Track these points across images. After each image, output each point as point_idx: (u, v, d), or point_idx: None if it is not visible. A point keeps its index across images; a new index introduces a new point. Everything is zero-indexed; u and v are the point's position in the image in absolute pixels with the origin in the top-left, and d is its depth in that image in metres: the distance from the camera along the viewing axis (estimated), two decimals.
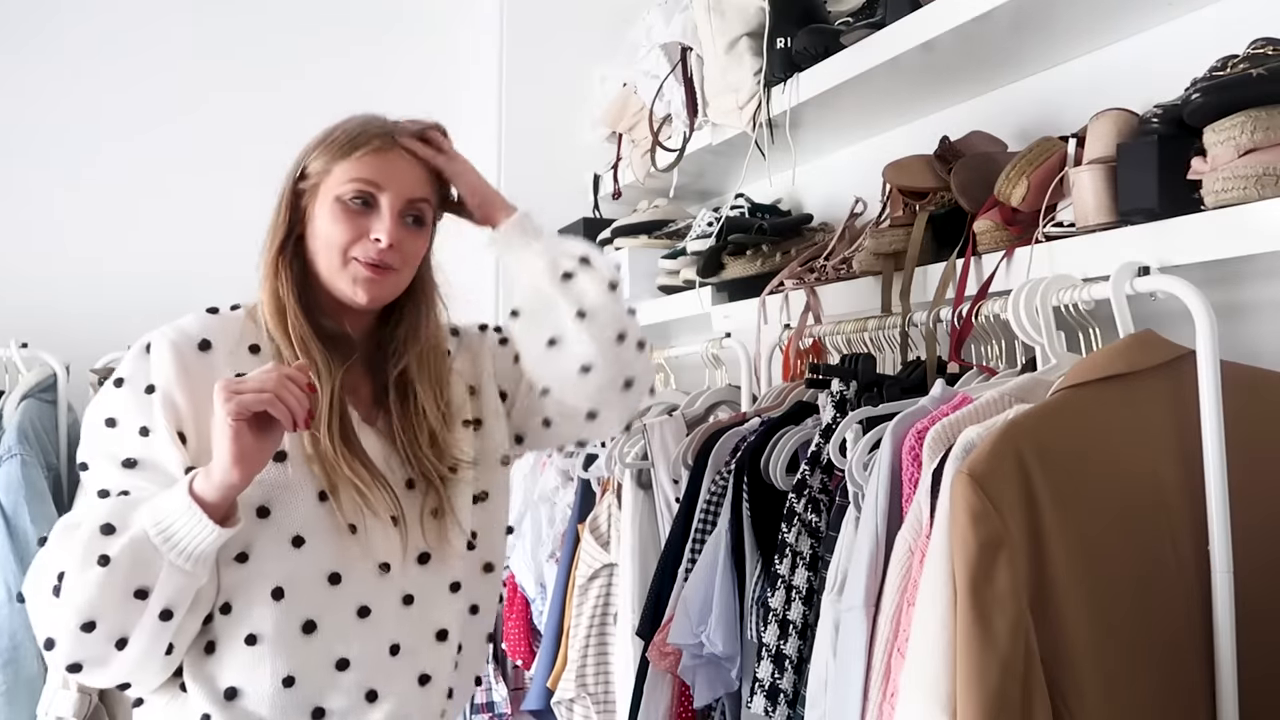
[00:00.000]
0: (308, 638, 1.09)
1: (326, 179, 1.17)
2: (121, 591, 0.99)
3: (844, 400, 1.38)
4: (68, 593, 0.99)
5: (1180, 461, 1.07)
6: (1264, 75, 1.10)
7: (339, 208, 1.16)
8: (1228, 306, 1.30)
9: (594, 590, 1.79)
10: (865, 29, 1.66)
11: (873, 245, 1.60)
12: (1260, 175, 1.08)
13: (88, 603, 0.98)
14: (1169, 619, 1.03)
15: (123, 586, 0.99)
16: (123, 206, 2.51)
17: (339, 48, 2.74)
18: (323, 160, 1.17)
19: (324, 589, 1.10)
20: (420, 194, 1.21)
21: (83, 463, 1.10)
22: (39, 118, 2.45)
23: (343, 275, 1.16)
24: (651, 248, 2.31)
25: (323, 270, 1.17)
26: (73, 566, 0.99)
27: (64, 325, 2.27)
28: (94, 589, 0.98)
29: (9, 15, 2.45)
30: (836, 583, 1.16)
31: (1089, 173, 1.26)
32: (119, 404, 1.09)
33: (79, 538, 1.00)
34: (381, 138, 1.19)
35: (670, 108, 2.17)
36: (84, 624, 0.99)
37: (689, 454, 1.62)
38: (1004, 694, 0.89)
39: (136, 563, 0.99)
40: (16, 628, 1.85)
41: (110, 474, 1.07)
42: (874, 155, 1.89)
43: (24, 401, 1.98)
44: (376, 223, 1.16)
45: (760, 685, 1.23)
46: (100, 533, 0.99)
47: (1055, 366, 1.20)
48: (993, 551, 0.92)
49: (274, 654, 1.08)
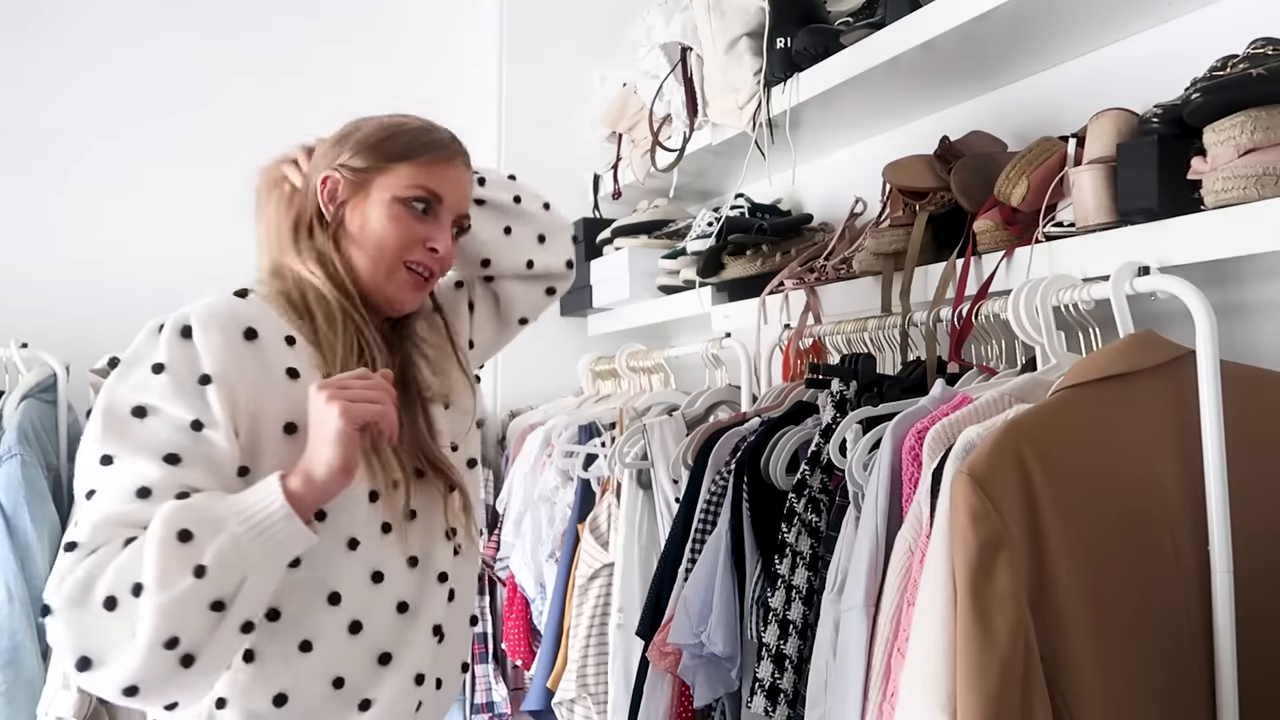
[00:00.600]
0: (355, 638, 1.08)
1: (382, 177, 1.14)
2: (207, 602, 0.91)
3: (844, 400, 1.38)
4: (149, 608, 0.90)
5: (1180, 461, 1.07)
6: (1264, 75, 1.11)
7: (400, 209, 1.14)
8: (1228, 306, 1.30)
9: (594, 590, 1.79)
10: (865, 29, 1.66)
11: (873, 245, 1.60)
12: (1260, 175, 1.08)
13: (176, 617, 0.90)
14: (1169, 619, 1.03)
15: (209, 597, 0.91)
16: (123, 206, 2.50)
17: (338, 48, 2.74)
18: (375, 157, 1.15)
19: (369, 588, 1.10)
20: (467, 209, 1.22)
21: (106, 455, 0.97)
22: (38, 117, 2.45)
23: (391, 278, 1.15)
24: (651, 248, 2.31)
25: (365, 268, 1.14)
26: (153, 577, 0.90)
27: (64, 325, 2.27)
28: (184, 602, 0.90)
29: (6, 17, 2.44)
30: (836, 583, 1.16)
31: (1089, 173, 1.26)
32: (156, 392, 0.99)
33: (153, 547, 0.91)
34: (449, 147, 1.19)
35: (670, 108, 2.17)
36: (167, 640, 0.90)
37: (689, 454, 1.62)
38: (1004, 694, 0.89)
39: (225, 571, 0.92)
40: (16, 628, 1.85)
41: (149, 470, 0.96)
42: (874, 155, 1.89)
43: (24, 402, 1.98)
44: (435, 231, 1.16)
45: (760, 685, 1.23)
46: (178, 540, 0.91)
47: (1055, 366, 1.20)
48: (993, 551, 0.92)
49: (326, 658, 1.06)
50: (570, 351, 2.57)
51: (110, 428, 0.98)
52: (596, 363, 2.47)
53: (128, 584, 0.91)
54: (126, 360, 1.02)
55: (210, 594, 0.92)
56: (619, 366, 2.32)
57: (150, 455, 0.97)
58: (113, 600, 0.91)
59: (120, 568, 0.91)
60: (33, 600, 1.86)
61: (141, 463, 0.96)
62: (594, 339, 2.59)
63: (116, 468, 0.96)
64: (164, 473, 0.96)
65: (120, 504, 0.95)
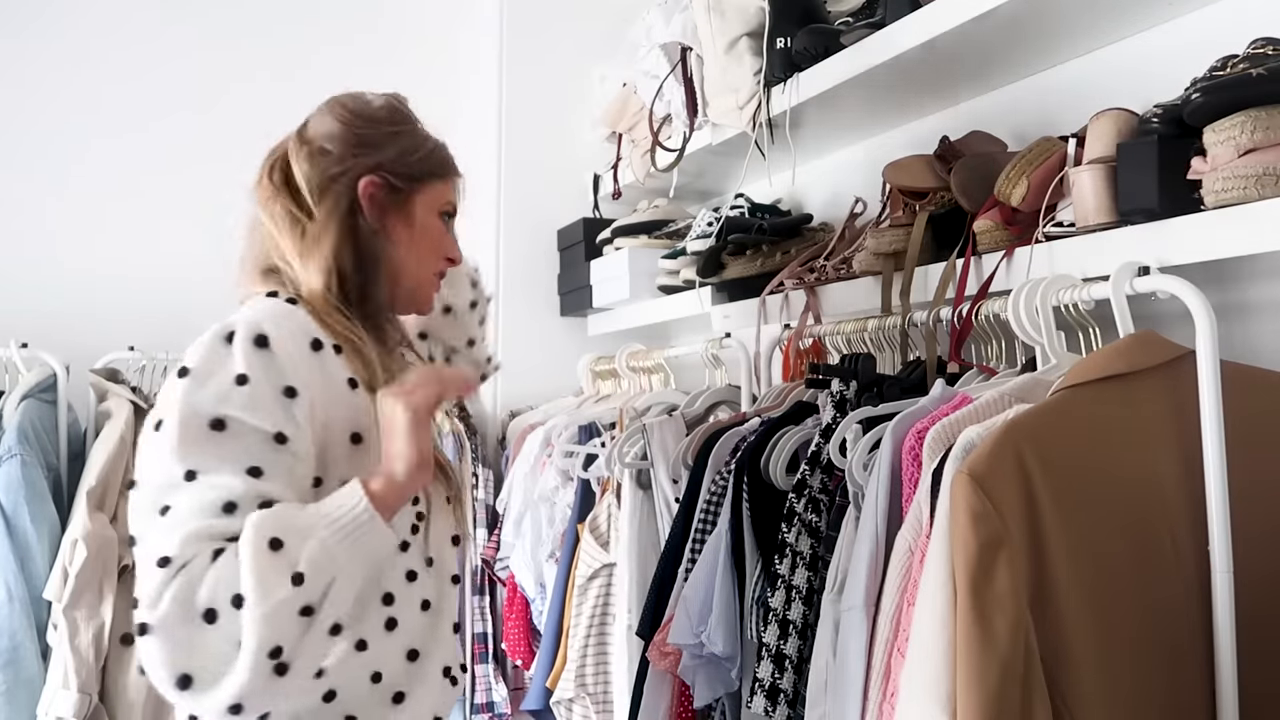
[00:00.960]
0: (390, 635, 1.10)
1: (424, 192, 1.20)
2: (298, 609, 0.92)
3: (844, 400, 1.38)
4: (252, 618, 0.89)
5: (1180, 461, 1.07)
6: (1264, 75, 1.11)
7: (437, 222, 1.22)
8: (1228, 306, 1.30)
9: (594, 590, 1.79)
10: (865, 29, 1.66)
11: (873, 245, 1.60)
12: (1260, 175, 1.08)
13: (277, 626, 0.90)
14: (1169, 619, 1.03)
15: (300, 604, 0.92)
16: (123, 208, 2.50)
17: (338, 50, 2.74)
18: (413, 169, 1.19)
19: (406, 587, 1.13)
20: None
21: (190, 471, 0.95)
22: (38, 119, 2.45)
23: (429, 283, 1.22)
24: (651, 248, 2.31)
25: (410, 273, 1.19)
26: (252, 587, 0.90)
27: (64, 325, 2.26)
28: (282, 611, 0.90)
29: (5, 17, 2.44)
30: (836, 583, 1.16)
31: (1089, 173, 1.26)
32: (238, 404, 0.98)
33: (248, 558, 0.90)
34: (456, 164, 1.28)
35: (670, 108, 2.17)
36: (271, 649, 0.90)
37: (689, 454, 1.62)
38: (1004, 694, 0.89)
39: (317, 577, 0.93)
40: (16, 628, 1.85)
41: (233, 484, 0.95)
42: (874, 155, 1.89)
43: (24, 402, 1.98)
44: (453, 242, 1.26)
45: (760, 685, 1.23)
46: (270, 549, 0.91)
47: (1055, 366, 1.20)
48: (993, 551, 0.92)
49: (373, 656, 1.07)
50: (570, 351, 2.57)
51: (189, 440, 0.96)
52: (596, 363, 2.47)
53: (227, 596, 0.90)
54: (198, 370, 1.00)
55: (302, 600, 0.92)
56: (619, 366, 2.32)
57: (234, 469, 0.96)
58: (213, 613, 0.90)
59: (217, 580, 0.91)
60: (33, 600, 1.86)
61: (225, 476, 0.96)
62: (594, 339, 2.59)
63: (200, 483, 0.95)
64: (247, 486, 0.96)
65: (206, 518, 0.94)
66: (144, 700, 1.91)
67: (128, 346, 2.24)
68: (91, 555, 1.84)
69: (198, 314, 2.60)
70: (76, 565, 1.84)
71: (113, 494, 1.93)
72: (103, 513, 1.90)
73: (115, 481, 1.94)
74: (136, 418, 2.03)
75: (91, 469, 1.93)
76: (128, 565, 1.93)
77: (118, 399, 2.04)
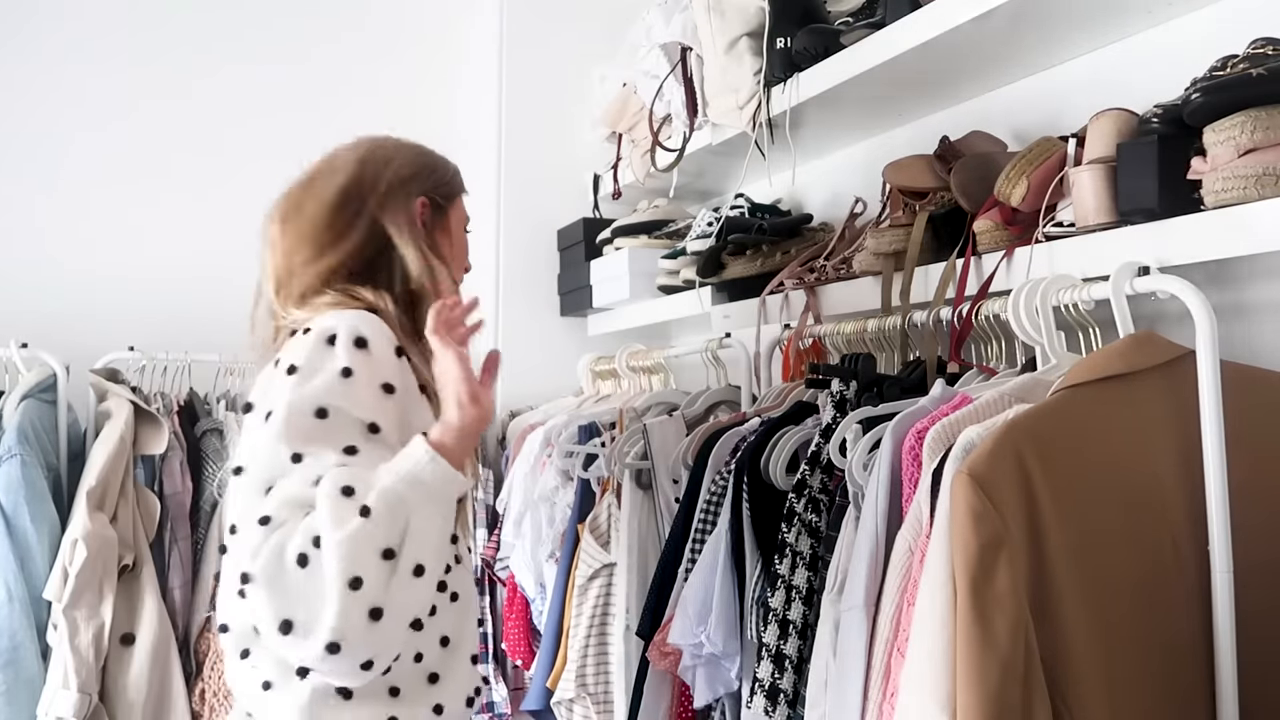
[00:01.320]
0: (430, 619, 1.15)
1: (454, 208, 1.37)
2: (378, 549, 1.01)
3: (844, 400, 1.38)
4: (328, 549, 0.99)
5: (1180, 461, 1.07)
6: (1264, 75, 1.11)
7: (464, 234, 1.39)
8: (1228, 306, 1.30)
9: (594, 590, 1.78)
10: (865, 29, 1.66)
11: (873, 245, 1.60)
12: (1260, 175, 1.08)
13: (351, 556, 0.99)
14: (1169, 618, 1.03)
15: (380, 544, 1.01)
16: (123, 208, 2.50)
17: (338, 49, 2.74)
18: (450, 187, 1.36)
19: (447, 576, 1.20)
20: None
21: (296, 454, 1.06)
22: (35, 119, 2.45)
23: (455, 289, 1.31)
24: (651, 248, 2.31)
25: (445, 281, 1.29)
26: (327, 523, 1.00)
27: (64, 325, 2.27)
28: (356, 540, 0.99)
29: (6, 17, 2.44)
30: (836, 582, 1.16)
31: (1089, 173, 1.26)
32: (340, 394, 1.09)
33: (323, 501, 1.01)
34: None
35: (670, 108, 2.17)
36: (350, 579, 0.98)
37: (689, 454, 1.62)
38: (1004, 694, 0.89)
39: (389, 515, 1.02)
40: (16, 628, 1.85)
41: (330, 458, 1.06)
42: (874, 155, 1.89)
43: (24, 401, 1.98)
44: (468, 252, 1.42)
45: (760, 685, 1.23)
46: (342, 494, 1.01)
47: (1055, 366, 1.20)
48: (993, 551, 0.92)
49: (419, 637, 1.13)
50: (570, 351, 2.57)
51: (296, 427, 1.07)
52: (596, 363, 2.47)
53: (310, 538, 1.00)
54: (304, 367, 1.10)
55: (380, 540, 1.01)
56: (619, 366, 2.32)
57: (333, 448, 1.07)
58: (304, 557, 1.00)
59: (304, 529, 1.01)
60: (32, 600, 1.86)
61: (326, 454, 1.06)
62: (594, 339, 2.59)
63: (305, 464, 1.06)
64: (341, 460, 1.06)
65: (302, 488, 1.04)
66: (144, 700, 1.91)
67: (128, 346, 2.24)
68: (91, 555, 1.84)
69: (198, 314, 2.63)
70: (76, 565, 1.84)
71: (112, 494, 1.93)
72: (103, 513, 1.90)
73: (115, 481, 1.94)
74: (137, 418, 2.03)
75: (91, 469, 1.93)
76: (127, 565, 1.93)
77: (118, 399, 2.04)
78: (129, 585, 1.94)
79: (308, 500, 1.04)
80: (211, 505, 2.08)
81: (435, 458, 1.07)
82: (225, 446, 2.13)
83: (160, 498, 2.01)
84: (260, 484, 1.07)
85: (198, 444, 2.14)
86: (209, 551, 2.05)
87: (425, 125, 2.75)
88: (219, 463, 2.11)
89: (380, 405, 1.11)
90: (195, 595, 2.05)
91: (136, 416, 2.03)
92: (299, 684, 1.08)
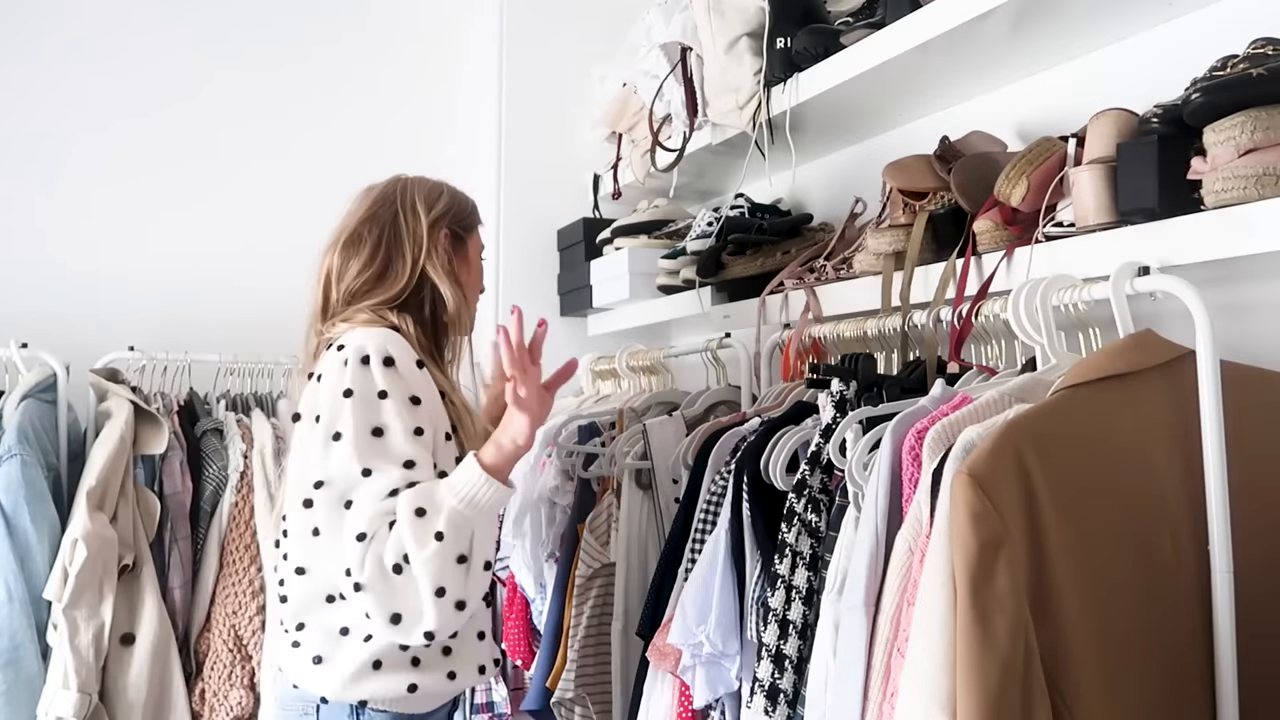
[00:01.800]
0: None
1: (471, 239, 1.57)
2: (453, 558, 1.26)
3: (844, 400, 1.37)
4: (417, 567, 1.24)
5: (1180, 461, 1.07)
6: (1264, 75, 1.11)
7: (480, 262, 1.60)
8: (1228, 306, 1.30)
9: (594, 590, 1.78)
10: (865, 29, 1.66)
11: (873, 245, 1.60)
12: (1260, 175, 1.08)
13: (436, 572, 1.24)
14: (1169, 618, 1.03)
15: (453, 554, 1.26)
16: (123, 208, 2.50)
17: (338, 49, 2.74)
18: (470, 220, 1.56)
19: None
20: None
21: (366, 469, 1.29)
22: (35, 119, 2.45)
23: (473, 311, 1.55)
24: (651, 248, 2.31)
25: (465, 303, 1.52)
26: (411, 546, 1.24)
27: (64, 325, 2.27)
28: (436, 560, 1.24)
29: (7, 18, 2.44)
30: (836, 582, 1.16)
31: (1089, 173, 1.26)
32: (387, 413, 1.32)
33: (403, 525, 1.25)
34: None
35: (670, 108, 2.17)
36: (437, 589, 1.24)
37: (689, 454, 1.62)
38: (1004, 694, 0.89)
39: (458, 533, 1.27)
40: (16, 628, 1.84)
41: (395, 474, 1.29)
42: (874, 155, 1.89)
43: (24, 401, 1.98)
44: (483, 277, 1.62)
45: (760, 685, 1.23)
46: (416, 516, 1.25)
47: (1055, 366, 1.20)
48: (993, 551, 0.92)
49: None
50: (570, 351, 2.55)
51: (362, 447, 1.30)
52: (596, 363, 2.47)
53: (400, 554, 1.25)
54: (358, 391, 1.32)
55: (454, 551, 1.26)
56: (619, 366, 2.31)
57: (395, 463, 1.30)
58: (399, 567, 1.25)
59: (394, 544, 1.26)
60: (32, 600, 1.86)
61: (391, 469, 1.30)
62: (594, 339, 2.59)
63: (374, 478, 1.29)
64: (403, 474, 1.30)
65: (379, 502, 1.28)
66: (144, 700, 1.91)
67: (128, 346, 2.24)
68: (91, 555, 1.84)
69: (198, 314, 2.63)
70: (76, 565, 1.83)
71: (112, 494, 1.93)
72: (102, 512, 1.90)
73: (115, 481, 1.94)
74: (136, 418, 2.03)
75: (91, 469, 1.93)
76: (127, 565, 1.93)
77: (118, 399, 2.04)
78: (129, 585, 1.94)
79: (388, 511, 1.27)
80: (211, 505, 2.08)
81: (489, 480, 1.30)
82: (225, 446, 2.13)
83: (160, 498, 2.01)
84: (340, 496, 1.29)
85: (198, 444, 2.14)
86: (209, 551, 2.05)
87: (425, 126, 2.79)
88: (219, 463, 2.11)
89: (414, 414, 1.34)
90: (195, 595, 2.04)
91: (136, 416, 2.03)
92: (345, 658, 1.34)
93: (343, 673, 1.34)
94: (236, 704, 1.98)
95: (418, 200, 1.50)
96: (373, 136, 2.70)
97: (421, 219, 1.48)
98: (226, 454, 2.12)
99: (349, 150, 2.67)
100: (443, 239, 1.49)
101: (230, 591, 2.02)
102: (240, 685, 1.99)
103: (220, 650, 2.00)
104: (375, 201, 1.50)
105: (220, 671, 2.00)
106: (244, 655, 2.01)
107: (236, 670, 2.00)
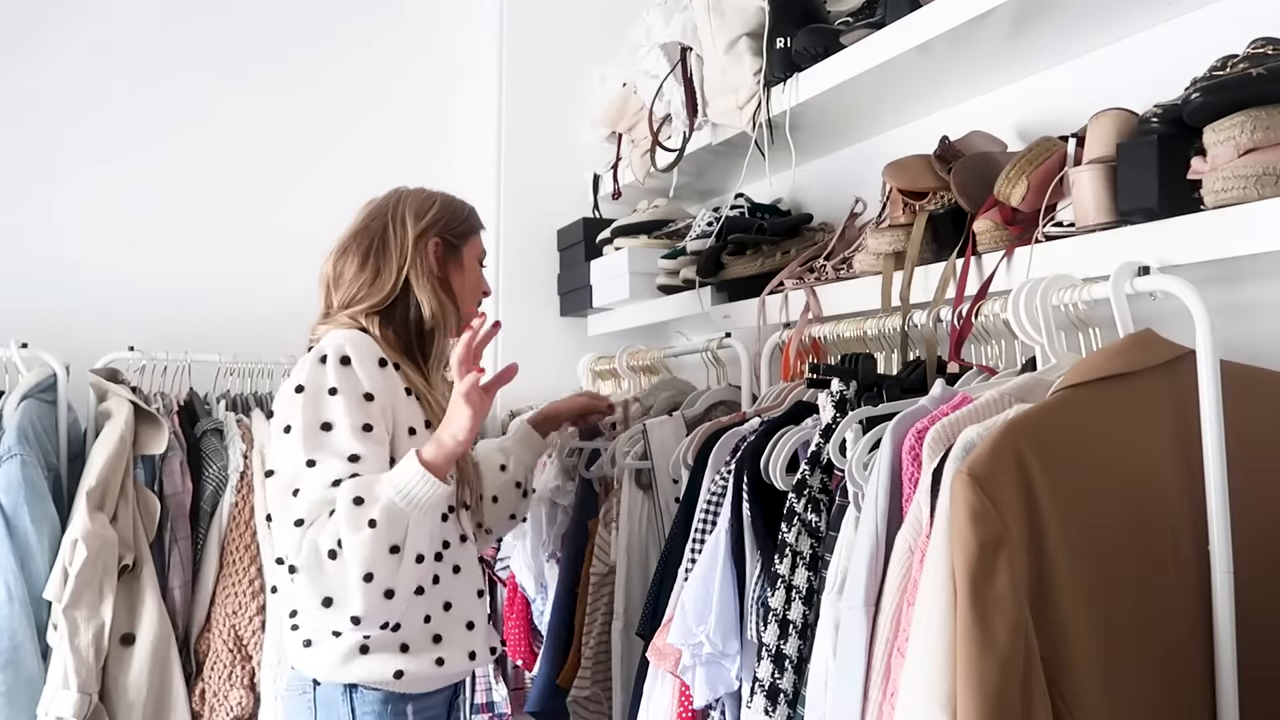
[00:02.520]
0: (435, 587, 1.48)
1: (469, 244, 1.63)
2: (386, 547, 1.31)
3: (844, 400, 1.37)
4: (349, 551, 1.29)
5: (1180, 461, 1.07)
6: (1264, 75, 1.11)
7: (479, 267, 1.66)
8: (1228, 306, 1.30)
9: (607, 587, 1.78)
10: (865, 29, 1.66)
11: (873, 245, 1.60)
12: (1260, 175, 1.08)
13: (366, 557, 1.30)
14: (1169, 619, 1.03)
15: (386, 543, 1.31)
16: (123, 208, 2.51)
17: (339, 50, 2.74)
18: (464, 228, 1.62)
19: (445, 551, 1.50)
20: None
21: (310, 460, 1.36)
22: (39, 120, 2.45)
23: (470, 316, 1.58)
24: (651, 248, 2.31)
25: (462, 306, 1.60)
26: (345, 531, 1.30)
27: (64, 325, 2.27)
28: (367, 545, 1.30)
29: (6, 18, 2.44)
30: (836, 582, 1.16)
31: (1089, 172, 1.26)
32: (335, 409, 1.39)
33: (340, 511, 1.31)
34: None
35: (670, 108, 2.17)
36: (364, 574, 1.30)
37: (689, 454, 1.62)
38: (1004, 694, 0.89)
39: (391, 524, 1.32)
40: (16, 628, 1.84)
41: (338, 466, 1.36)
42: (874, 155, 1.89)
43: (24, 402, 1.98)
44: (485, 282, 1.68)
45: (760, 685, 1.23)
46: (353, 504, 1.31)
47: (1055, 366, 1.20)
48: (993, 551, 0.92)
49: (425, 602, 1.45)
50: (570, 351, 2.57)
51: (309, 439, 1.38)
52: (596, 362, 2.47)
53: (335, 539, 1.31)
54: (309, 386, 1.40)
55: (386, 540, 1.32)
56: (619, 366, 2.32)
57: (339, 456, 1.37)
58: (332, 552, 1.31)
59: (330, 530, 1.32)
60: (32, 600, 1.86)
61: (335, 462, 1.37)
62: (594, 339, 2.59)
63: (318, 468, 1.36)
64: (347, 468, 1.37)
65: (322, 491, 1.35)
66: (144, 700, 1.91)
67: (128, 346, 2.24)
68: (91, 555, 1.84)
69: (198, 314, 2.63)
70: (76, 565, 1.83)
71: (112, 494, 1.93)
72: (102, 513, 1.90)
73: (115, 481, 1.94)
74: (137, 418, 2.03)
75: (91, 469, 1.93)
76: (127, 565, 1.93)
77: (118, 399, 2.04)
78: (129, 585, 1.94)
79: (328, 500, 1.34)
80: (211, 505, 2.08)
81: (426, 476, 1.35)
82: (225, 446, 2.13)
83: (160, 498, 2.01)
84: (287, 486, 1.36)
85: (198, 444, 2.14)
86: (209, 552, 2.05)
87: (426, 127, 2.79)
88: (219, 463, 2.11)
89: (365, 410, 1.40)
90: (195, 595, 2.04)
91: (136, 416, 2.03)
92: (333, 642, 1.40)
93: (331, 656, 1.41)
94: (236, 704, 1.98)
95: (407, 213, 1.57)
96: (373, 138, 2.71)
97: (409, 230, 1.55)
98: (226, 454, 2.12)
99: (349, 151, 2.67)
100: (431, 248, 1.56)
101: (230, 591, 2.02)
102: (240, 685, 1.99)
103: (220, 650, 2.00)
104: (370, 214, 1.59)
105: (220, 671, 2.00)
106: (244, 655, 2.01)
107: (236, 670, 2.00)
